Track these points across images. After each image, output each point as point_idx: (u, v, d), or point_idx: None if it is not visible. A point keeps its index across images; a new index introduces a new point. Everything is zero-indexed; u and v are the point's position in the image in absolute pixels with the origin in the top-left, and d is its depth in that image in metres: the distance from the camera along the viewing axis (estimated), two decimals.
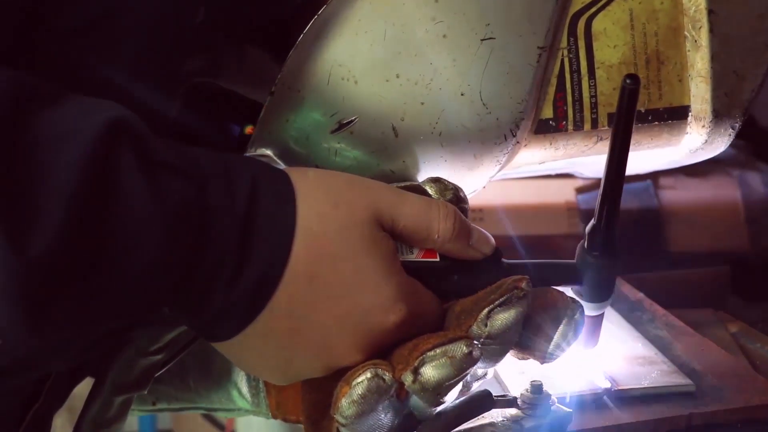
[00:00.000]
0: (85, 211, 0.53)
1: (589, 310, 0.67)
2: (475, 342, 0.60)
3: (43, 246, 0.52)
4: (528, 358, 0.66)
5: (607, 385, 0.73)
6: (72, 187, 0.53)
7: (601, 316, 0.70)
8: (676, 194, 1.12)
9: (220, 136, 0.76)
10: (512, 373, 0.75)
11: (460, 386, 0.62)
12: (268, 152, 0.71)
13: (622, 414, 0.72)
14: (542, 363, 0.65)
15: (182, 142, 0.59)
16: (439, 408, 0.63)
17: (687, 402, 0.74)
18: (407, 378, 0.59)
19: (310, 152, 0.70)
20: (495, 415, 0.65)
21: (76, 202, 0.53)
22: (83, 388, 0.72)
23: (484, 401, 0.64)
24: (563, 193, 1.08)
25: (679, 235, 1.10)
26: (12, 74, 0.55)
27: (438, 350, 0.59)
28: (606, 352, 0.79)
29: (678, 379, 0.75)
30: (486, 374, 0.68)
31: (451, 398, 0.62)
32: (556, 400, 0.66)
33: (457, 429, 0.62)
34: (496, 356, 0.63)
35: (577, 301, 0.65)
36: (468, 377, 0.63)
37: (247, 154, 0.71)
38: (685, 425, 0.72)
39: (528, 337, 0.64)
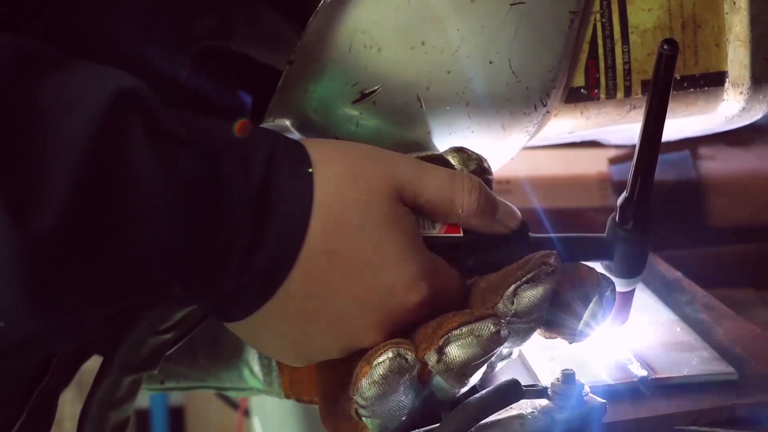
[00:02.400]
0: (91, 185, 0.53)
1: (619, 286, 0.68)
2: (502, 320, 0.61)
3: (47, 222, 0.52)
4: (555, 337, 0.66)
5: (644, 373, 0.73)
6: (78, 160, 0.53)
7: (632, 292, 0.70)
8: (716, 165, 1.11)
9: (230, 101, 0.77)
10: (542, 361, 0.75)
11: (485, 367, 0.63)
12: (286, 122, 0.72)
13: (659, 404, 0.71)
14: (570, 342, 0.66)
15: (191, 107, 0.60)
16: (464, 389, 0.63)
17: (730, 391, 0.72)
18: (431, 358, 0.60)
19: (330, 123, 0.71)
20: (524, 406, 0.64)
21: (81, 176, 0.53)
22: (92, 363, 0.73)
23: (512, 391, 0.63)
24: (595, 164, 1.08)
25: (720, 208, 1.10)
26: (14, 39, 0.55)
27: (464, 329, 0.60)
28: (642, 337, 0.78)
29: (720, 367, 0.74)
30: (511, 354, 0.69)
31: (476, 379, 0.63)
32: (589, 390, 0.65)
33: (483, 421, 0.62)
34: (522, 335, 0.63)
35: (608, 278, 0.66)
36: (492, 357, 0.63)
37: (265, 124, 0.72)
38: (728, 417, 0.71)
39: (556, 315, 0.64)
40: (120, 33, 0.65)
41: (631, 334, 0.77)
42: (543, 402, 0.65)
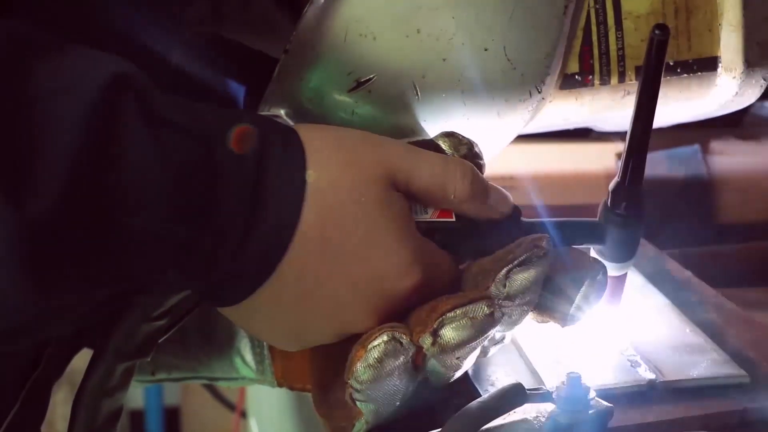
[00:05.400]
0: (86, 168, 0.56)
1: (611, 270, 0.72)
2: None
3: (43, 205, 0.55)
4: (548, 321, 0.70)
5: (652, 376, 0.75)
6: (73, 143, 0.56)
7: (624, 276, 0.74)
8: (727, 160, 1.13)
9: (222, 87, 0.81)
10: (547, 364, 0.76)
11: (478, 351, 0.67)
12: (281, 112, 0.75)
13: (668, 409, 0.72)
14: (563, 326, 0.69)
15: (184, 94, 0.63)
16: (458, 373, 0.67)
17: (741, 395, 0.74)
18: (426, 340, 0.64)
19: (325, 112, 0.74)
20: (528, 411, 0.66)
21: (77, 159, 0.56)
22: (83, 361, 0.75)
23: (516, 395, 0.65)
24: (601, 160, 1.10)
25: (731, 205, 1.11)
26: (8, 24, 0.57)
27: (458, 311, 0.63)
28: (650, 339, 0.80)
29: (730, 370, 0.76)
30: (504, 338, 0.72)
31: (470, 363, 0.67)
32: (595, 394, 0.66)
33: (486, 426, 0.64)
34: (515, 318, 0.67)
35: (600, 262, 0.70)
36: (485, 342, 0.67)
37: (260, 114, 0.75)
38: (739, 421, 0.72)
39: (548, 298, 0.68)
40: (112, 18, 0.69)
41: (639, 336, 0.79)
42: (548, 406, 0.66)
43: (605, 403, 0.67)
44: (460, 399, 0.68)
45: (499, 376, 0.76)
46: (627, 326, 0.80)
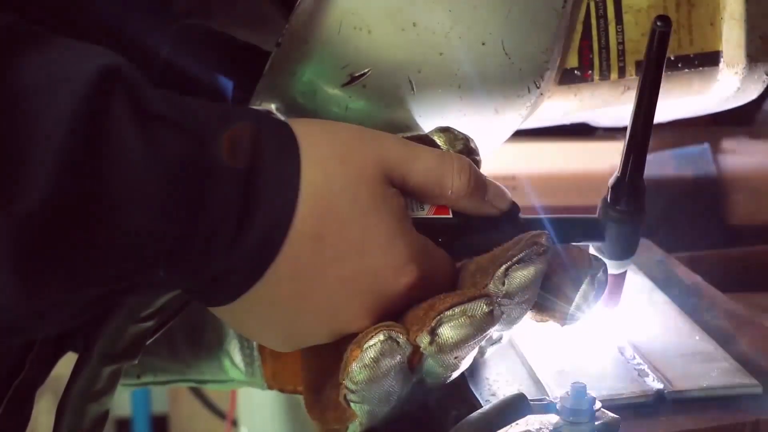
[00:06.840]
0: (75, 165, 0.57)
1: (611, 268, 0.73)
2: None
3: (32, 202, 0.56)
4: (547, 321, 0.71)
5: (660, 386, 0.75)
6: (62, 139, 0.57)
7: (624, 274, 0.76)
8: (737, 159, 1.14)
9: (212, 80, 0.82)
10: (551, 373, 0.77)
11: (476, 350, 0.68)
12: (273, 106, 0.77)
13: (677, 420, 0.73)
14: (562, 325, 0.71)
15: (173, 88, 0.64)
16: (455, 374, 0.68)
17: (752, 405, 0.74)
18: (424, 339, 0.65)
19: (318, 106, 0.76)
20: (531, 422, 0.66)
21: (66, 155, 0.57)
22: (67, 368, 0.77)
23: (519, 406, 0.66)
24: (606, 158, 1.10)
25: (742, 206, 1.12)
26: None
27: (456, 309, 0.65)
28: (658, 347, 0.81)
29: (742, 379, 0.76)
30: (501, 338, 0.74)
31: (467, 363, 0.69)
32: (601, 405, 0.67)
33: None
34: (514, 317, 0.68)
35: (600, 259, 0.71)
36: (483, 341, 0.68)
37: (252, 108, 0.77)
38: None
39: (547, 297, 0.69)
40: (100, 10, 0.71)
41: (646, 344, 0.81)
42: (552, 417, 0.67)
43: (611, 414, 0.68)
44: (460, 410, 0.70)
45: (501, 386, 0.77)
46: (633, 333, 0.82)
